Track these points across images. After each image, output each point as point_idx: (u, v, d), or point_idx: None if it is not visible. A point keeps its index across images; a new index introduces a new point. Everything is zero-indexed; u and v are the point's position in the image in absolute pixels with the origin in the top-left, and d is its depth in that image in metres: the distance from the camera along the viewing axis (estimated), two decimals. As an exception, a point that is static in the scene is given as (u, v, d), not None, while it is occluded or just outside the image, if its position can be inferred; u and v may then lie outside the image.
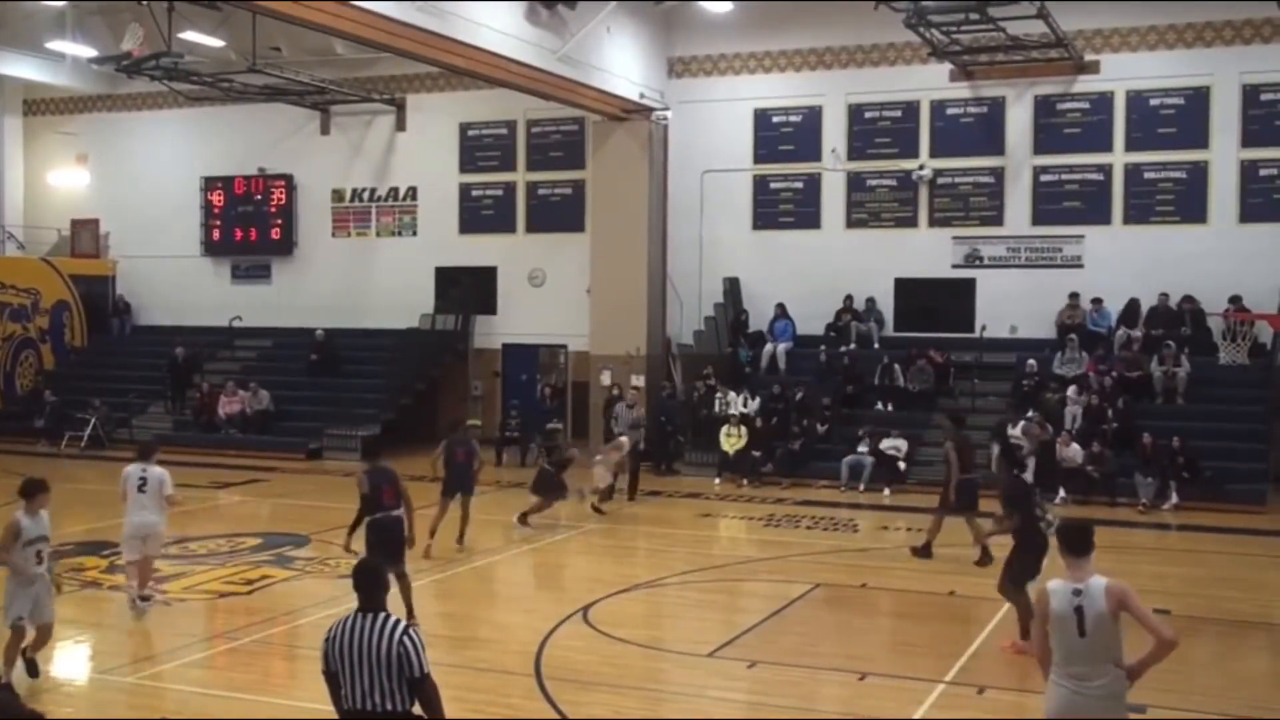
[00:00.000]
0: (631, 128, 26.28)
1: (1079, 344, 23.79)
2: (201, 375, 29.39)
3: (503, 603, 14.86)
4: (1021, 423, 21.34)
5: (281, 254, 31.47)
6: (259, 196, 31.49)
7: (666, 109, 26.55)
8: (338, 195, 31.00)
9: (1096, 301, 24.36)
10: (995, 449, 19.54)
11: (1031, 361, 23.79)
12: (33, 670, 10.53)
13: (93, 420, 27.91)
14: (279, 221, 31.31)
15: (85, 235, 33.17)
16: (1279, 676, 11.44)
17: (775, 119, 27.24)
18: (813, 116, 26.91)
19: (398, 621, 6.60)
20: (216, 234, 31.95)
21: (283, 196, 31.25)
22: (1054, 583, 6.90)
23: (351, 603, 6.76)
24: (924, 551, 16.51)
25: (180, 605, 13.71)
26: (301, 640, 12.06)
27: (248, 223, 31.55)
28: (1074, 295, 24.51)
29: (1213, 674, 11.39)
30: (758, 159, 27.32)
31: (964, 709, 10.41)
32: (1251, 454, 21.78)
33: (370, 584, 6.80)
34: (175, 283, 31.97)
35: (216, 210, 31.92)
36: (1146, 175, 24.62)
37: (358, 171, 30.78)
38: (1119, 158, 24.81)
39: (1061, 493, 20.90)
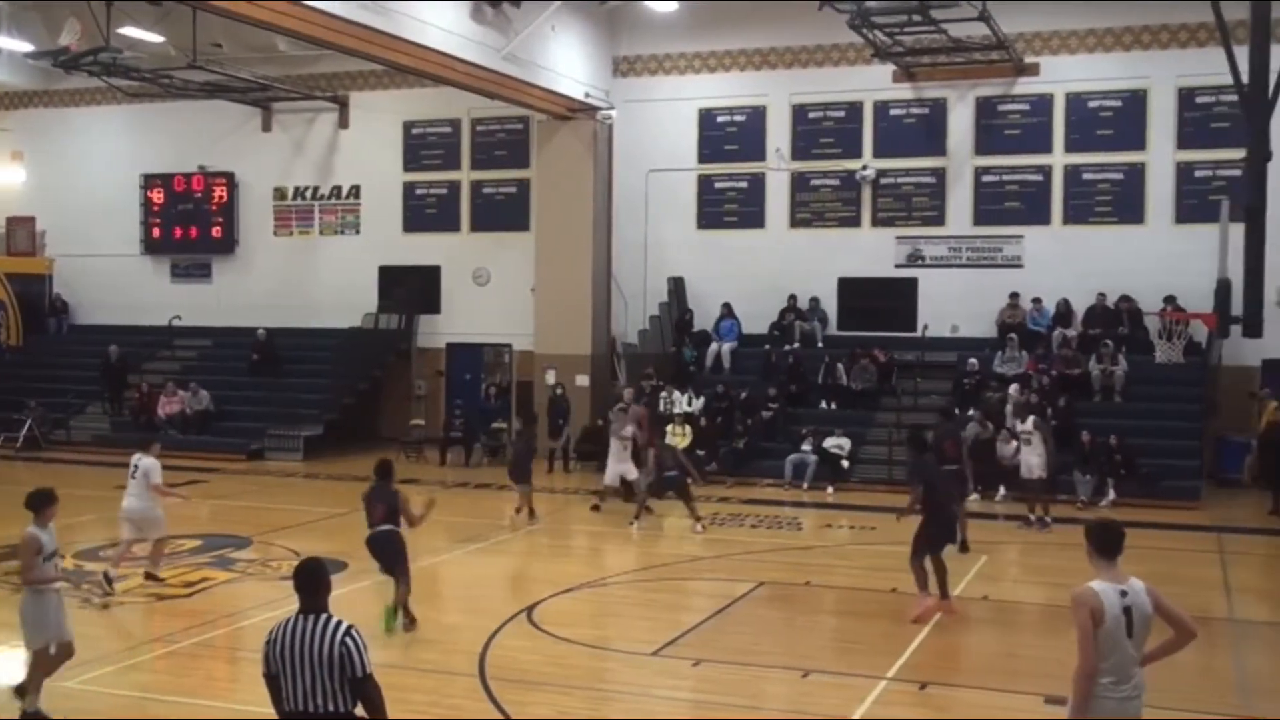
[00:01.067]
0: (576, 127, 26.27)
1: (1019, 343, 24.07)
2: (140, 375, 29.03)
3: (447, 603, 14.80)
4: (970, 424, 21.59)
5: (222, 253, 31.14)
6: (199, 194, 31.15)
7: (611, 108, 26.57)
8: (279, 193, 30.73)
9: (1036, 301, 24.68)
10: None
11: (973, 360, 24.05)
12: (22, 692, 9.91)
13: (28, 421, 27.48)
14: (220, 220, 30.99)
15: (21, 233, 32.68)
16: (1215, 671, 11.62)
17: (720, 119, 27.33)
18: (757, 116, 27.03)
19: (339, 623, 6.56)
20: (156, 232, 31.56)
21: (224, 194, 30.92)
22: (1098, 585, 6.57)
23: (293, 605, 6.71)
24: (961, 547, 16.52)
25: (120, 608, 13.53)
26: (242, 643, 11.95)
27: (188, 221, 31.18)
28: (1014, 295, 24.80)
29: (1151, 669, 11.54)
30: (702, 159, 27.41)
31: (906, 705, 10.51)
32: (1186, 451, 22.14)
33: (311, 585, 6.74)
34: (114, 282, 31.54)
35: (156, 208, 31.53)
36: (1085, 176, 24.96)
37: (300, 169, 30.52)
38: (1058, 159, 25.13)
39: (1002, 490, 21.13)
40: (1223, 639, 13.05)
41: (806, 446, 23.01)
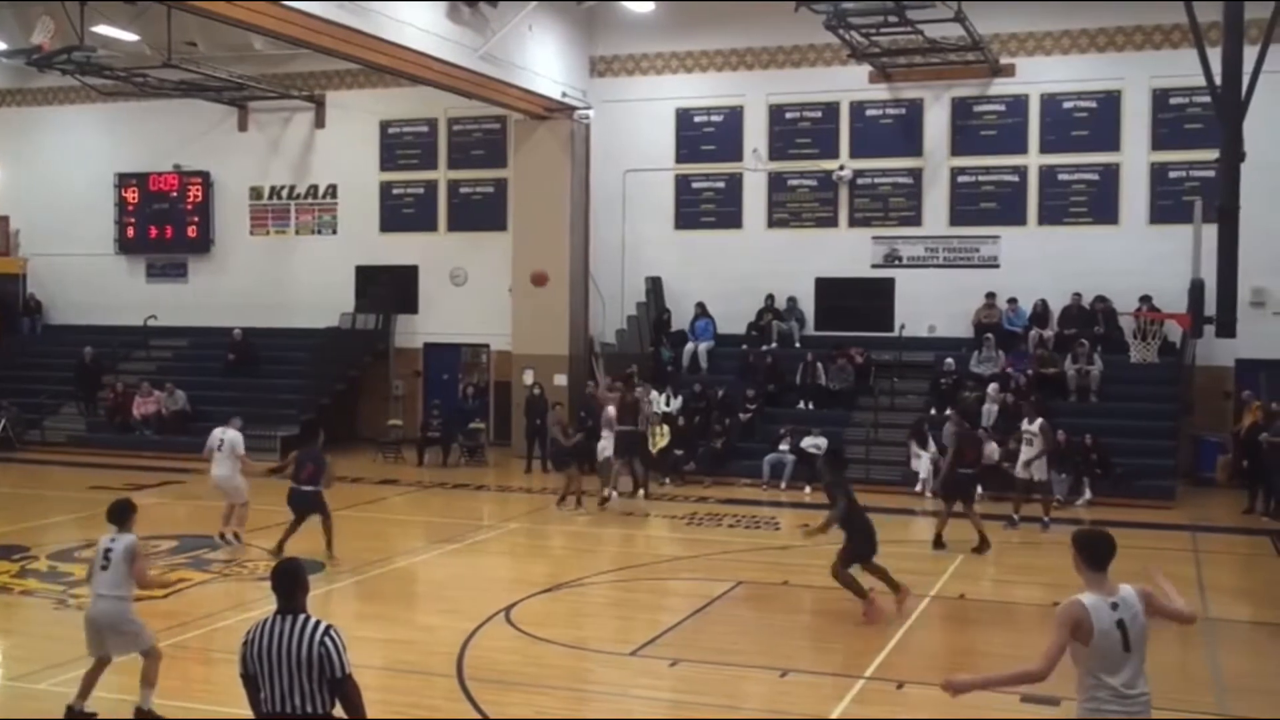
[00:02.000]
0: (553, 126, 26.25)
1: (995, 343, 24.17)
2: (115, 375, 28.87)
3: (424, 604, 14.77)
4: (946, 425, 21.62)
5: (198, 252, 31.00)
6: (174, 194, 31.00)
7: (589, 108, 26.56)
8: (256, 193, 30.61)
9: (1012, 301, 24.79)
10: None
11: (949, 360, 24.14)
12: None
13: (2, 421, 27.30)
14: (195, 219, 30.84)
15: (-6, 232, 32.45)
16: (1189, 669, 11.70)
17: (697, 119, 27.37)
18: (734, 117, 27.07)
19: (318, 623, 6.54)
20: (131, 232, 31.38)
21: (199, 194, 30.78)
22: (1088, 599, 6.43)
23: (270, 606, 6.69)
24: (937, 543, 17.18)
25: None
26: (218, 644, 11.90)
27: (163, 220, 31.03)
28: (990, 295, 24.91)
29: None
30: (679, 159, 27.43)
31: (884, 704, 10.54)
32: (1161, 450, 22.29)
33: (289, 585, 6.72)
34: (88, 281, 31.34)
35: (131, 207, 31.35)
36: (1060, 177, 25.09)
37: (276, 169, 30.41)
38: (1034, 159, 25.26)
39: (979, 489, 21.18)
40: (1198, 638, 13.12)
41: (784, 446, 23.05)
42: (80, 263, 31.34)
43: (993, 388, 22.90)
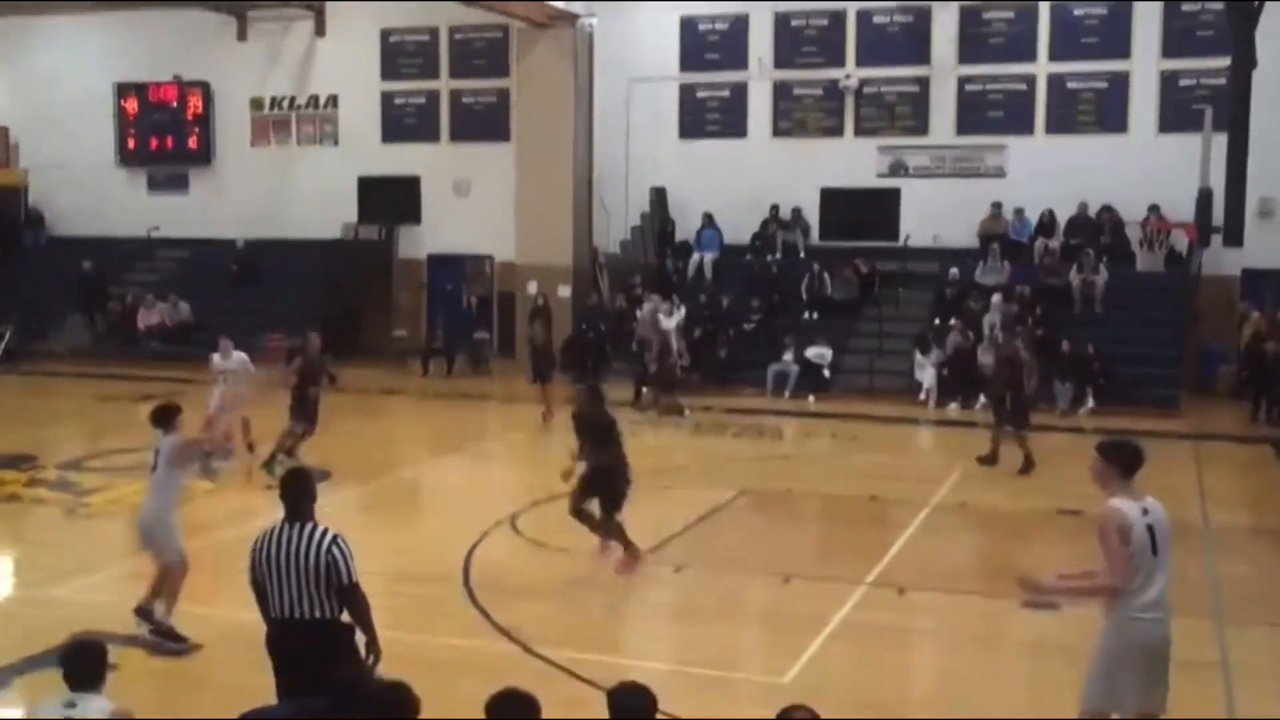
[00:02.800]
0: (556, 35, 25.91)
1: (1000, 253, 24.08)
2: (119, 287, 28.86)
3: (430, 512, 14.92)
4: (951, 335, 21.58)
5: (199, 164, 30.80)
6: (174, 105, 30.70)
7: (592, 16, 26.18)
8: (256, 104, 30.32)
9: (1019, 211, 24.64)
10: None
11: (954, 270, 24.07)
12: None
13: (6, 334, 27.33)
14: (196, 130, 30.58)
15: (-6, 143, 32.20)
16: (1188, 577, 11.80)
17: (702, 27, 27.00)
18: (739, 25, 26.71)
19: (325, 531, 6.63)
20: (131, 143, 31.14)
21: (199, 105, 30.49)
22: (1120, 502, 6.46)
23: (277, 514, 6.77)
24: (989, 459, 16.69)
25: (105, 518, 13.58)
26: (226, 551, 11.99)
27: (163, 131, 30.77)
28: (996, 205, 24.76)
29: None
30: (684, 68, 27.11)
31: (885, 609, 10.67)
32: (1166, 360, 22.28)
33: (298, 493, 6.81)
34: (90, 193, 31.13)
35: (131, 118, 31.07)
36: (1069, 85, 24.79)
37: (276, 79, 30.08)
38: (1042, 68, 24.94)
39: (982, 398, 21.26)
40: (1197, 546, 13.25)
41: (788, 356, 23.08)
42: (81, 174, 31.11)
43: (997, 298, 22.85)
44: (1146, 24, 24.22)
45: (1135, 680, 6.53)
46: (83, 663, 5.74)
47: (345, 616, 6.67)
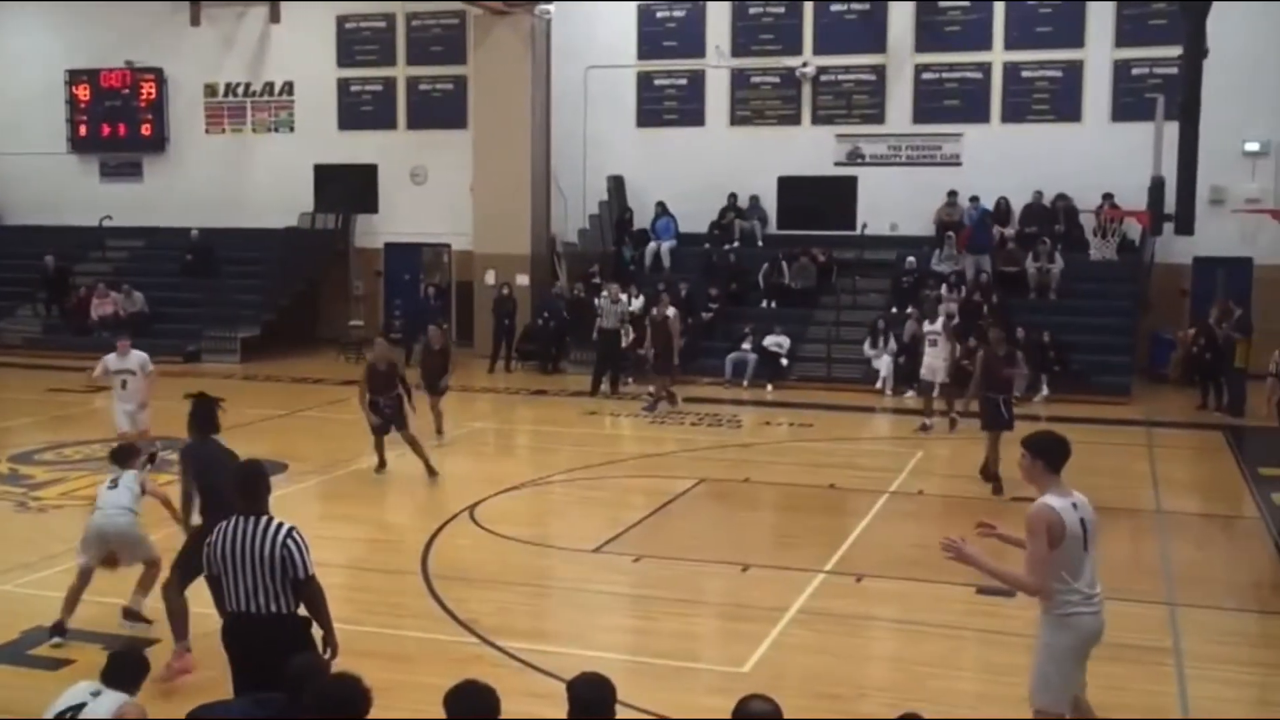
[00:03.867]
0: (513, 22, 25.80)
1: (956, 241, 24.24)
2: (73, 277, 28.54)
3: (389, 503, 14.84)
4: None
5: (153, 151, 30.48)
6: (127, 91, 30.36)
7: (550, 3, 26.07)
8: (210, 90, 30.04)
9: (974, 199, 24.80)
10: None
11: (911, 259, 24.21)
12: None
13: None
14: (149, 117, 30.27)
15: (-58, 130, 31.69)
16: (1140, 560, 11.96)
17: (659, 14, 26.98)
18: (696, 13, 26.71)
19: (280, 524, 6.59)
20: (83, 130, 30.78)
21: (153, 91, 30.17)
22: (1052, 499, 6.47)
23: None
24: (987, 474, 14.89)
25: (57, 512, 13.45)
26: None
27: (116, 118, 30.43)
28: (952, 193, 24.91)
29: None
30: (641, 55, 27.09)
31: (843, 598, 10.72)
32: (1118, 347, 22.53)
33: (251, 487, 6.75)
34: (40, 180, 30.74)
35: (82, 105, 30.71)
36: (1024, 74, 24.97)
37: (231, 66, 29.80)
38: (998, 56, 25.11)
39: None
40: (1149, 529, 13.42)
41: (746, 345, 23.14)
42: (31, 161, 30.72)
43: (943, 288, 23.02)
44: (1100, 13, 24.44)
45: (1079, 671, 6.68)
46: (122, 667, 6.20)
47: (302, 610, 6.64)
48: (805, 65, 25.94)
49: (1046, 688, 6.64)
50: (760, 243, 25.92)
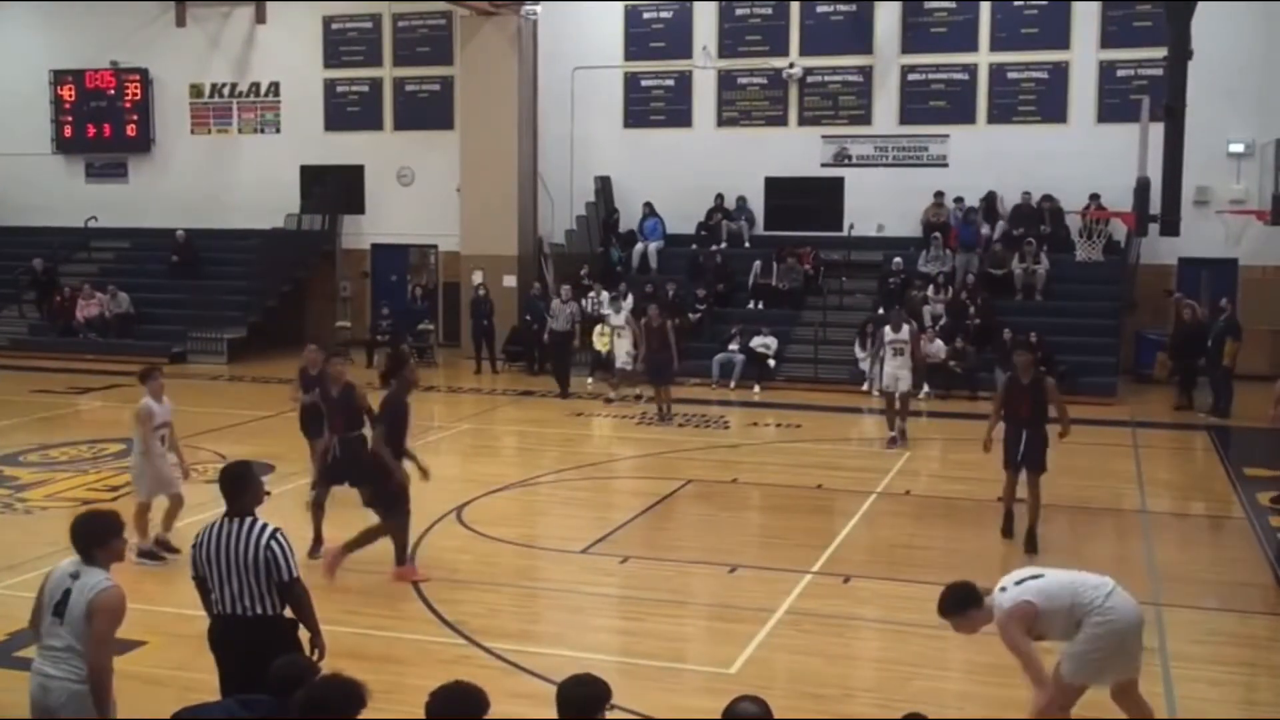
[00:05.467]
0: (500, 23, 25.79)
1: (943, 242, 24.29)
2: (59, 278, 28.43)
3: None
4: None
5: (138, 152, 30.39)
6: (112, 92, 30.26)
7: (536, 4, 26.06)
8: (196, 90, 29.96)
9: (959, 200, 24.86)
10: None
11: (897, 259, 24.25)
12: (169, 547, 11.58)
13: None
14: (135, 118, 30.17)
15: (-75, 131, 31.55)
16: (1126, 560, 11.99)
17: (646, 14, 26.98)
18: (683, 13, 26.71)
19: (265, 526, 6.57)
20: (68, 130, 30.66)
21: (138, 91, 30.08)
22: (1002, 608, 6.93)
23: (220, 508, 6.70)
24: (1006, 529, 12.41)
25: (42, 513, 13.40)
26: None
27: (101, 119, 30.33)
28: (939, 194, 24.95)
29: (1065, 557, 11.87)
30: (628, 56, 27.08)
31: (830, 598, 10.74)
32: (1104, 348, 22.59)
33: (237, 488, 6.74)
34: (25, 182, 30.60)
35: (67, 105, 30.60)
36: (1010, 75, 25.02)
37: (216, 66, 29.72)
38: (984, 57, 25.16)
39: (926, 388, 21.45)
40: (1134, 529, 13.47)
41: (734, 346, 23.16)
42: (16, 162, 30.59)
43: (930, 288, 23.06)
44: (1085, 15, 24.51)
45: (1120, 656, 6.95)
46: (90, 533, 6.15)
47: (289, 611, 6.63)
48: (792, 66, 25.97)
49: (1072, 664, 6.94)
50: (747, 244, 25.94)
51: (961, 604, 6.92)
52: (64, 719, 6.00)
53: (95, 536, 6.11)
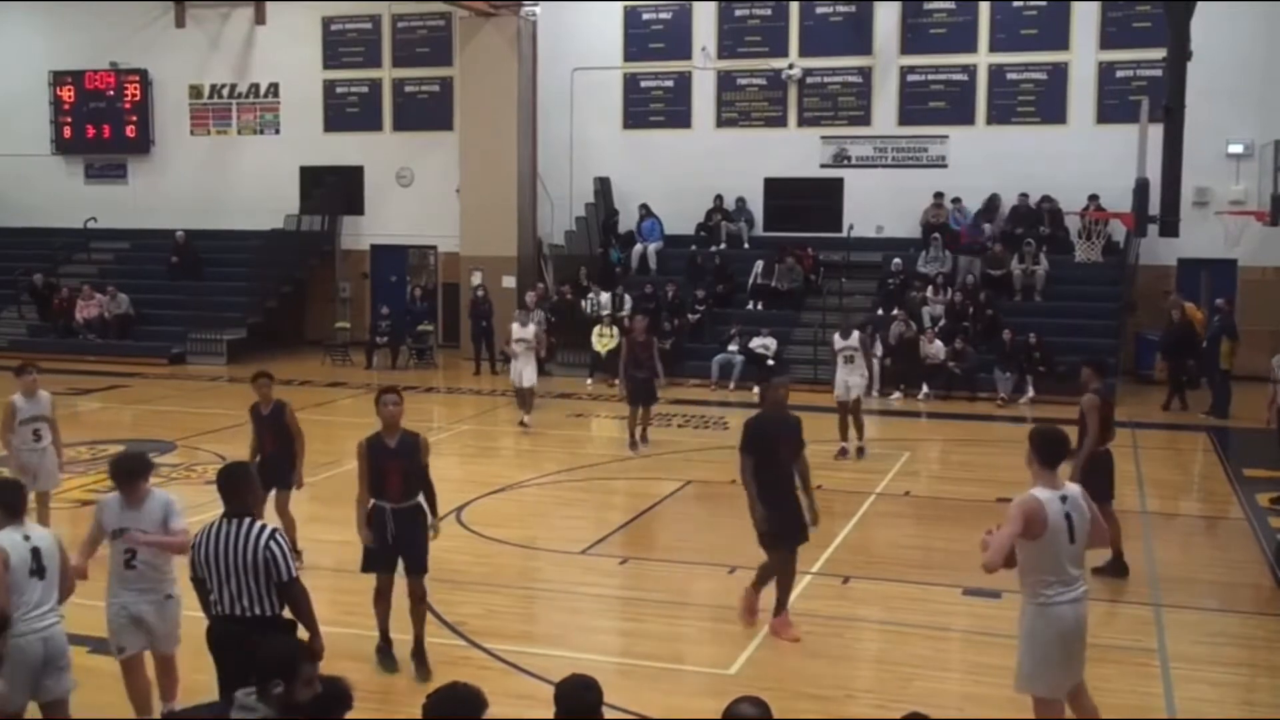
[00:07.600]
0: (500, 24, 25.80)
1: (943, 243, 24.28)
2: (58, 279, 28.43)
3: (375, 505, 14.78)
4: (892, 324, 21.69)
5: (138, 152, 30.39)
6: (111, 93, 30.26)
7: (536, 5, 26.09)
8: (195, 91, 29.96)
9: (956, 201, 24.86)
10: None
11: (897, 260, 24.24)
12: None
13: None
14: (134, 118, 30.18)
15: (-75, 132, 31.56)
16: (1130, 563, 11.97)
17: (645, 16, 26.99)
18: (683, 14, 26.72)
19: (263, 527, 6.58)
20: (68, 131, 30.67)
21: (137, 92, 30.08)
22: (1041, 493, 6.67)
23: (218, 509, 6.70)
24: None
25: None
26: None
27: (100, 119, 30.33)
28: (938, 195, 24.96)
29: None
30: (628, 57, 27.09)
31: (829, 599, 10.74)
32: (1103, 349, 22.48)
33: (236, 489, 6.75)
34: (24, 182, 30.62)
35: (67, 106, 30.60)
36: (1009, 76, 25.03)
37: (216, 67, 29.73)
38: (983, 58, 25.17)
39: (925, 388, 21.47)
40: (1135, 530, 13.45)
41: (733, 347, 23.16)
42: (15, 163, 30.60)
43: (929, 289, 23.07)
44: (1085, 16, 24.51)
45: (1061, 661, 6.80)
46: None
47: (288, 612, 6.63)
48: (791, 67, 25.97)
49: (1024, 673, 6.85)
50: (747, 244, 25.94)
51: (1040, 446, 6.84)
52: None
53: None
